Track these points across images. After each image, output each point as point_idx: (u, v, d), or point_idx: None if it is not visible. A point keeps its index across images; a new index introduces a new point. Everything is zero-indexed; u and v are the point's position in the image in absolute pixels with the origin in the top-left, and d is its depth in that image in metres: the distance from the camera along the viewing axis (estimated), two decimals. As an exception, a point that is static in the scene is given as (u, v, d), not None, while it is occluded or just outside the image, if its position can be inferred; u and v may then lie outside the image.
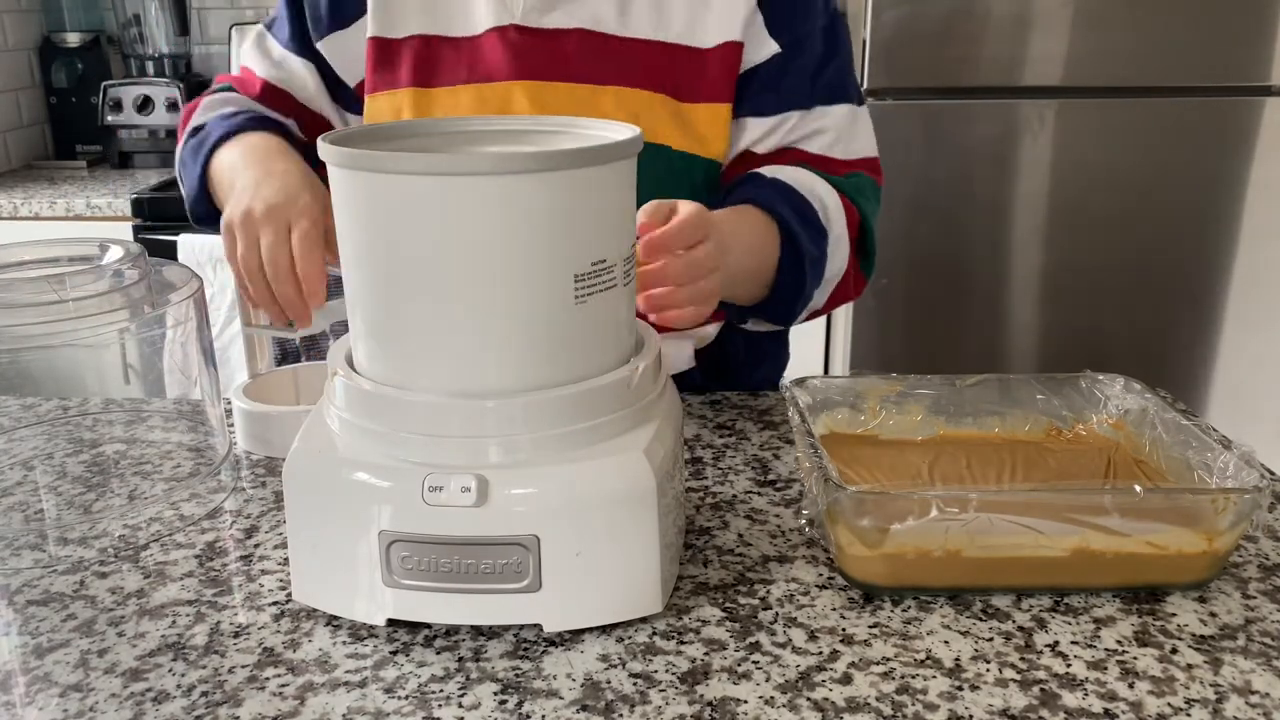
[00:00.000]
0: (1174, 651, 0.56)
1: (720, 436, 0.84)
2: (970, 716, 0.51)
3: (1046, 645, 0.56)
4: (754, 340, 1.01)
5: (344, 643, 0.57)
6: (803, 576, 0.63)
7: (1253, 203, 1.90)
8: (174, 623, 0.59)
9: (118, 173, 2.35)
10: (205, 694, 0.53)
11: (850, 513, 0.59)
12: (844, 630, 0.58)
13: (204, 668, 0.55)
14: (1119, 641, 0.56)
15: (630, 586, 0.57)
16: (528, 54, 0.87)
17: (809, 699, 0.52)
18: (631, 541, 0.56)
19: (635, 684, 0.53)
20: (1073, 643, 0.56)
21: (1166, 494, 0.62)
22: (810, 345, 2.06)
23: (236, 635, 0.58)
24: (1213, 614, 0.59)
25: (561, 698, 0.52)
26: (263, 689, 0.53)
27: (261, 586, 0.63)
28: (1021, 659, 0.55)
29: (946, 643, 0.56)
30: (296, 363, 0.95)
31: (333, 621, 0.59)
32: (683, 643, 0.57)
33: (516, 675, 0.54)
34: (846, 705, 0.51)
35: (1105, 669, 0.54)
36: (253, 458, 0.81)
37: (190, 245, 1.95)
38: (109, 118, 2.36)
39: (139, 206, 2.04)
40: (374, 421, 0.57)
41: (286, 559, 0.64)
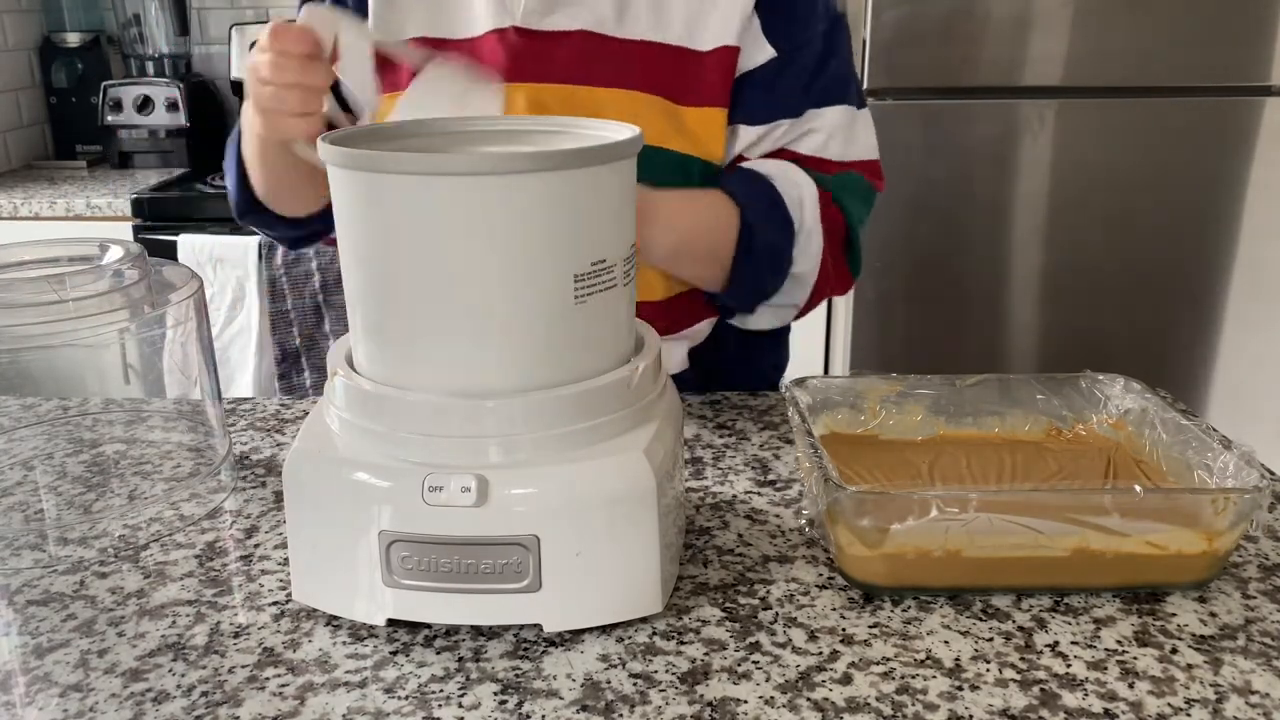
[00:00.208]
0: (1174, 651, 0.56)
1: (720, 436, 0.84)
2: (970, 716, 0.51)
3: (1046, 645, 0.56)
4: (748, 340, 1.01)
5: (344, 643, 0.57)
6: (803, 576, 0.63)
7: (1253, 203, 1.90)
8: (174, 623, 0.59)
9: (118, 173, 2.35)
10: (205, 694, 0.53)
11: (850, 513, 0.59)
12: (844, 630, 0.58)
13: (204, 668, 0.55)
14: (1119, 641, 0.56)
15: (630, 586, 0.57)
16: (527, 56, 0.87)
17: (809, 699, 0.52)
18: (631, 541, 0.56)
19: (635, 684, 0.53)
20: (1073, 643, 0.56)
21: (1166, 494, 0.62)
22: (810, 345, 2.06)
23: (236, 635, 0.58)
24: (1213, 614, 0.59)
25: (561, 698, 0.52)
26: (263, 689, 0.53)
27: (261, 586, 0.63)
28: (1021, 659, 0.55)
29: (946, 643, 0.56)
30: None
31: (333, 621, 0.59)
32: (683, 643, 0.57)
33: (516, 675, 0.54)
34: (846, 705, 0.51)
35: (1105, 669, 0.54)
36: (253, 458, 0.81)
37: (190, 245, 1.95)
38: (109, 118, 2.36)
39: (139, 206, 2.04)
40: (374, 421, 0.57)
41: (286, 559, 0.64)
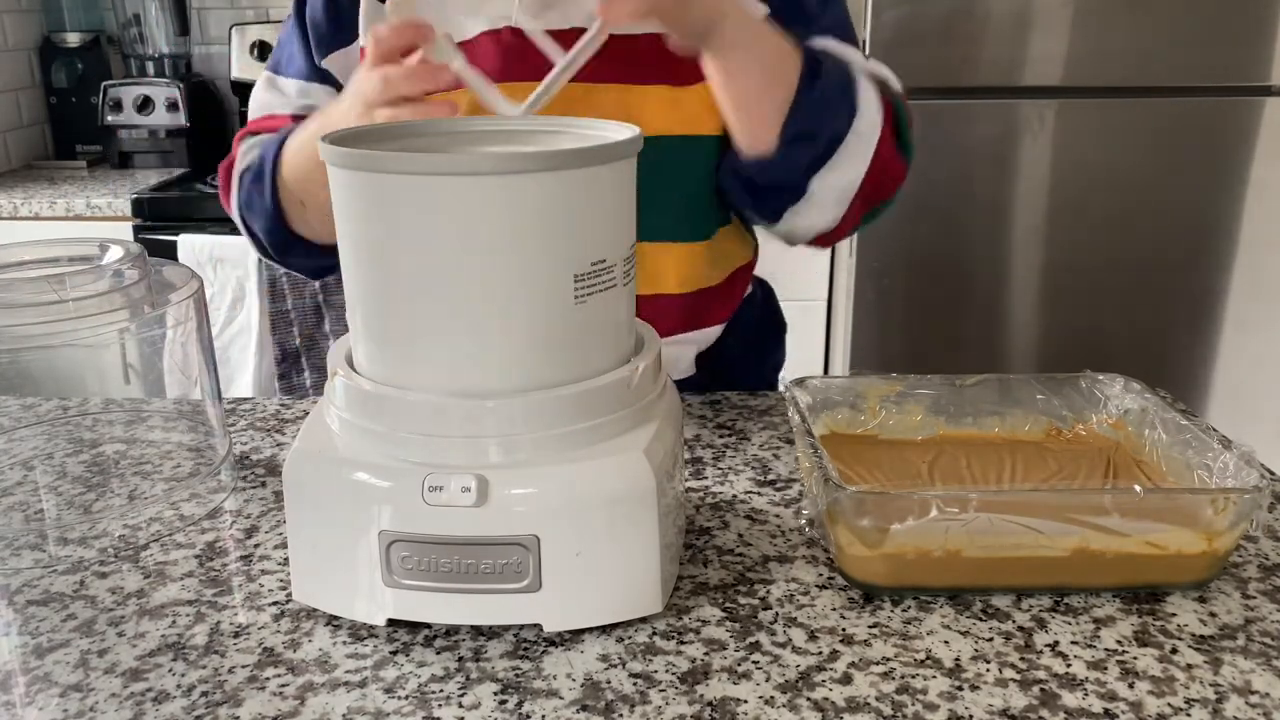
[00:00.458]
0: (1174, 651, 0.56)
1: (720, 436, 0.84)
2: (970, 716, 0.51)
3: (1046, 645, 0.56)
4: (751, 341, 1.01)
5: (344, 643, 0.57)
6: (803, 576, 0.63)
7: (1253, 203, 1.90)
8: (174, 623, 0.59)
9: (118, 173, 2.35)
10: (205, 694, 0.53)
11: (850, 513, 0.59)
12: (844, 630, 0.58)
13: (204, 668, 0.55)
14: (1119, 641, 0.56)
15: (630, 586, 0.57)
16: (523, 55, 0.86)
17: (809, 699, 0.52)
18: (631, 541, 0.56)
19: (635, 684, 0.53)
20: (1073, 643, 0.56)
21: (1166, 494, 0.62)
22: (810, 345, 2.06)
23: (236, 635, 0.58)
24: (1213, 614, 0.59)
25: (561, 698, 0.52)
26: (263, 689, 0.53)
27: (261, 586, 0.63)
28: (1021, 659, 0.55)
29: (946, 643, 0.56)
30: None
31: (333, 621, 0.59)
32: (683, 643, 0.57)
33: (516, 675, 0.54)
34: (846, 705, 0.51)
35: (1105, 669, 0.54)
36: (253, 458, 0.81)
37: (190, 245, 1.95)
38: (109, 118, 2.36)
39: (139, 206, 2.04)
40: (374, 421, 0.57)
41: (286, 559, 0.64)
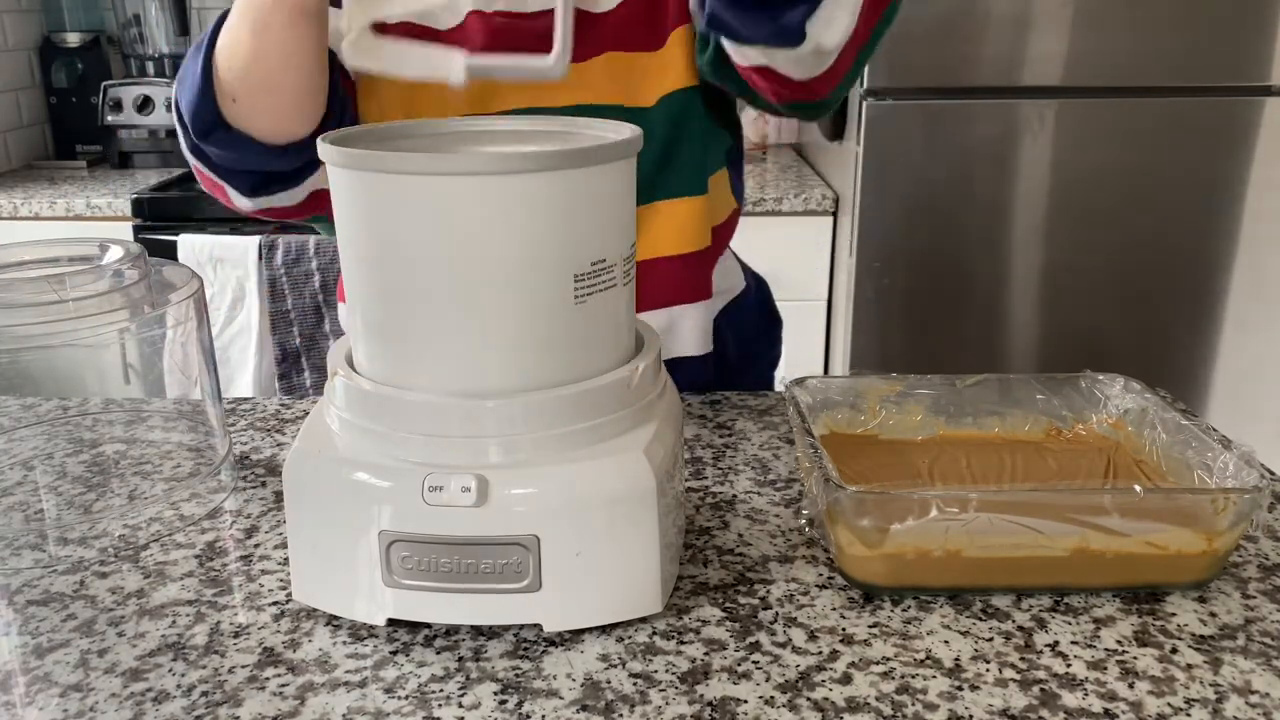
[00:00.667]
0: (1174, 651, 0.56)
1: (720, 436, 0.84)
2: (970, 716, 0.51)
3: (1046, 645, 0.56)
4: (748, 338, 1.01)
5: (344, 643, 0.57)
6: (803, 576, 0.63)
7: (1253, 203, 1.90)
8: (174, 623, 0.59)
9: (118, 173, 2.35)
10: (205, 694, 0.53)
11: (850, 513, 0.59)
12: (844, 630, 0.58)
13: (204, 668, 0.55)
14: (1119, 641, 0.56)
15: (630, 586, 0.57)
16: (511, 36, 0.86)
17: (809, 699, 0.52)
18: (631, 541, 0.56)
19: (635, 684, 0.53)
20: (1073, 643, 0.56)
21: (1166, 494, 0.62)
22: (810, 345, 2.06)
23: (236, 635, 0.58)
24: (1213, 614, 0.59)
25: (561, 698, 0.52)
26: (263, 689, 0.53)
27: (261, 586, 0.63)
28: (1021, 659, 0.55)
29: (946, 643, 0.56)
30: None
31: (333, 621, 0.59)
32: (683, 643, 0.57)
33: (516, 675, 0.54)
34: (846, 705, 0.51)
35: (1105, 669, 0.54)
36: (253, 458, 0.81)
37: (190, 245, 1.95)
38: (109, 118, 2.36)
39: (139, 206, 2.04)
40: (374, 421, 0.57)
41: (286, 559, 0.64)
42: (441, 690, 0.53)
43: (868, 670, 0.54)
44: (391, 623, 0.57)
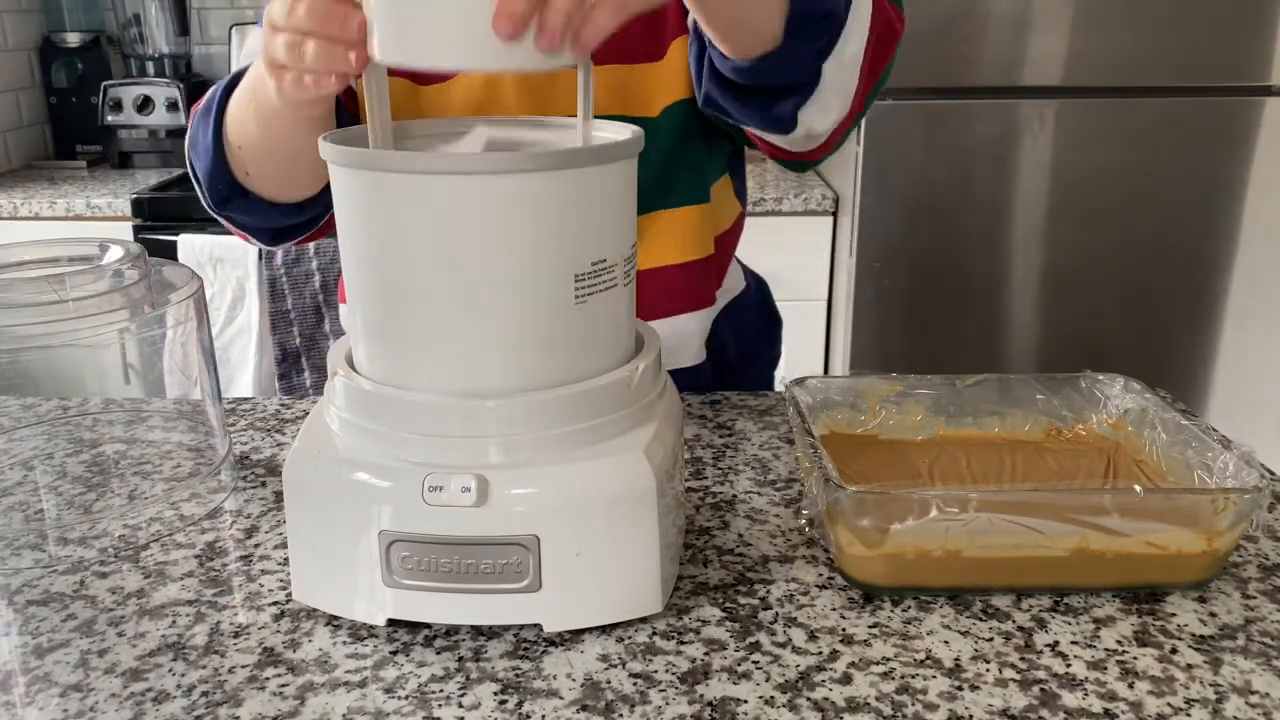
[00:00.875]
0: (1174, 651, 0.56)
1: (720, 436, 0.84)
2: (970, 716, 0.51)
3: (1046, 645, 0.56)
4: (748, 337, 1.01)
5: (344, 643, 0.57)
6: (803, 576, 0.63)
7: (1253, 203, 1.90)
8: (174, 623, 0.59)
9: (118, 173, 2.35)
10: (205, 694, 0.53)
11: (850, 513, 0.59)
12: (844, 630, 0.58)
13: (204, 668, 0.55)
14: (1119, 641, 0.56)
15: (630, 586, 0.57)
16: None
17: (809, 699, 0.52)
18: (631, 541, 0.56)
19: (635, 684, 0.53)
20: (1073, 643, 0.56)
21: (1166, 494, 0.62)
22: (810, 345, 2.06)
23: (236, 635, 0.58)
24: (1213, 614, 0.59)
25: (561, 698, 0.52)
26: (263, 689, 0.53)
27: (261, 586, 0.63)
28: (1021, 659, 0.55)
29: (946, 643, 0.56)
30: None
31: (333, 621, 0.59)
32: (683, 643, 0.57)
33: (516, 675, 0.54)
34: (846, 705, 0.51)
35: (1105, 669, 0.54)
36: (253, 458, 0.81)
37: (190, 245, 1.95)
38: (109, 118, 2.36)
39: (139, 206, 2.04)
40: (374, 421, 0.57)
41: (286, 559, 0.64)
42: (441, 690, 0.53)
43: (868, 670, 0.54)
44: (391, 623, 0.57)
